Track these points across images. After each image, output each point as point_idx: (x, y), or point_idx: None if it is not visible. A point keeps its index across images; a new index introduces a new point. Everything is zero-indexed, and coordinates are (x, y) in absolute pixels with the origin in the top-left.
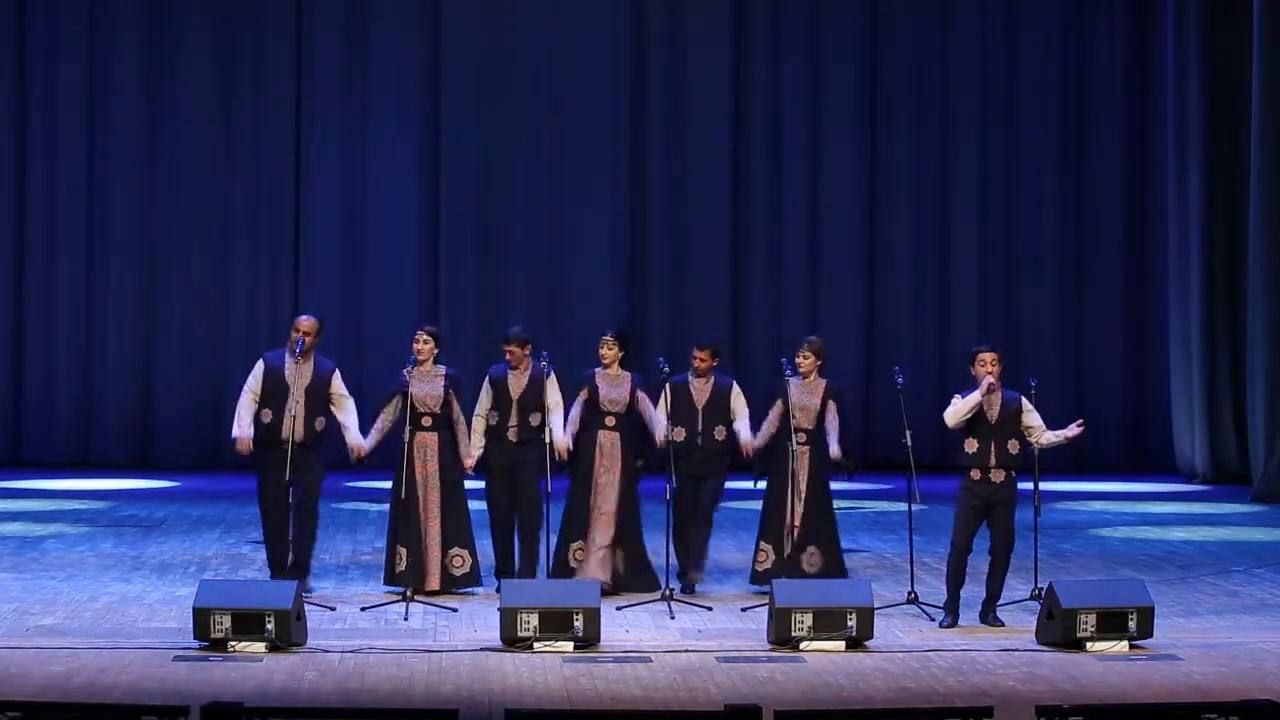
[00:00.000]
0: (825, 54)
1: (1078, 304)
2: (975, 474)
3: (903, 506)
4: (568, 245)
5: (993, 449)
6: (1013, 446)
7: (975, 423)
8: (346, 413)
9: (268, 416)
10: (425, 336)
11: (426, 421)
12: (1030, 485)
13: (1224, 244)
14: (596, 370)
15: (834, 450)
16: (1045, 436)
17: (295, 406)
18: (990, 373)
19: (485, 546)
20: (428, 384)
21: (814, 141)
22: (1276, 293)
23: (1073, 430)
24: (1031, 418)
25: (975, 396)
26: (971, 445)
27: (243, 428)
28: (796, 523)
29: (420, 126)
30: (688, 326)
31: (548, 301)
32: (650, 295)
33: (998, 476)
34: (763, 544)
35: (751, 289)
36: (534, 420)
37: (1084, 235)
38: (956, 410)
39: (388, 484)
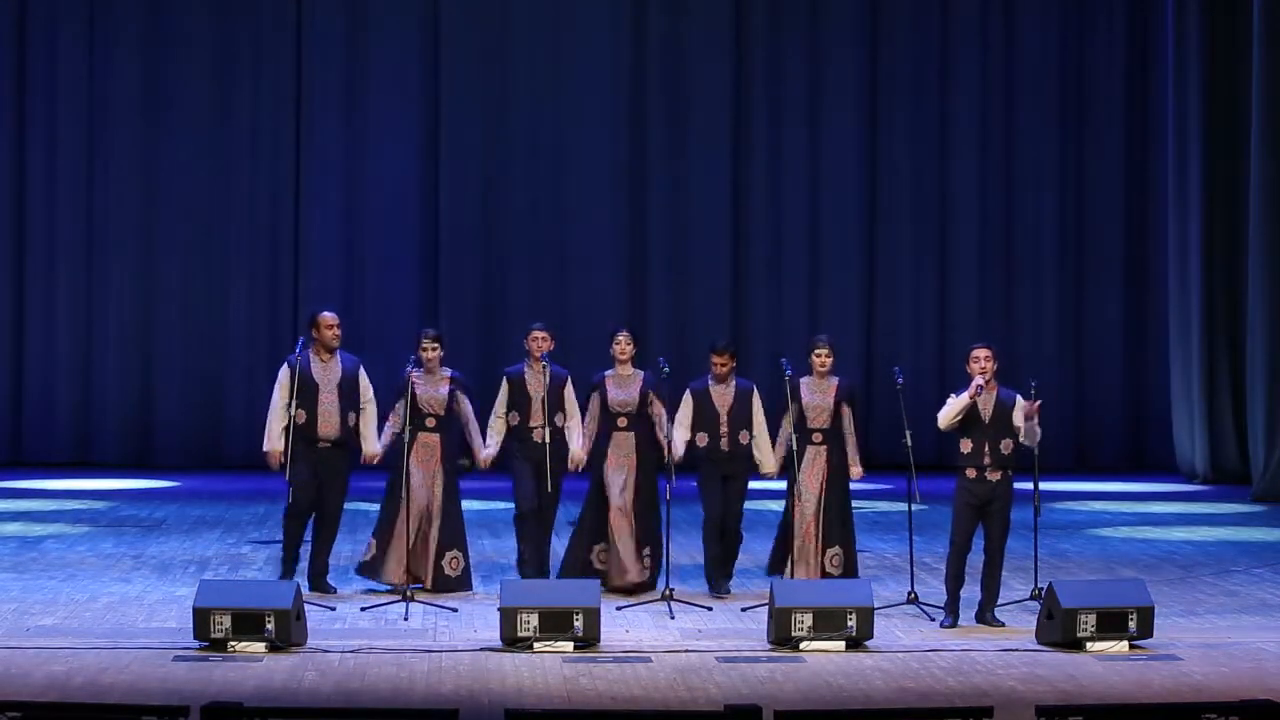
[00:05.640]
0: (825, 54)
1: (1078, 303)
2: (971, 473)
3: (903, 506)
4: (568, 245)
5: (986, 448)
6: (1005, 446)
7: (970, 422)
8: (367, 418)
9: (302, 417)
10: (432, 345)
11: (430, 423)
12: (1029, 485)
13: (1224, 244)
14: (606, 374)
15: (856, 470)
16: (1021, 433)
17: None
18: (982, 370)
19: (483, 548)
20: (434, 386)
21: (814, 141)
22: (1276, 293)
23: (1031, 409)
24: (1019, 417)
25: (964, 397)
26: (966, 445)
27: (273, 440)
28: (810, 525)
29: (420, 125)
30: (688, 326)
31: (547, 301)
32: (650, 295)
33: (994, 476)
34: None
35: (751, 289)
36: (558, 420)
37: (1084, 234)
38: (947, 412)
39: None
